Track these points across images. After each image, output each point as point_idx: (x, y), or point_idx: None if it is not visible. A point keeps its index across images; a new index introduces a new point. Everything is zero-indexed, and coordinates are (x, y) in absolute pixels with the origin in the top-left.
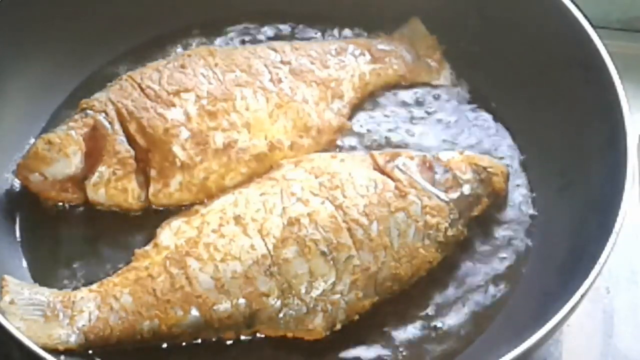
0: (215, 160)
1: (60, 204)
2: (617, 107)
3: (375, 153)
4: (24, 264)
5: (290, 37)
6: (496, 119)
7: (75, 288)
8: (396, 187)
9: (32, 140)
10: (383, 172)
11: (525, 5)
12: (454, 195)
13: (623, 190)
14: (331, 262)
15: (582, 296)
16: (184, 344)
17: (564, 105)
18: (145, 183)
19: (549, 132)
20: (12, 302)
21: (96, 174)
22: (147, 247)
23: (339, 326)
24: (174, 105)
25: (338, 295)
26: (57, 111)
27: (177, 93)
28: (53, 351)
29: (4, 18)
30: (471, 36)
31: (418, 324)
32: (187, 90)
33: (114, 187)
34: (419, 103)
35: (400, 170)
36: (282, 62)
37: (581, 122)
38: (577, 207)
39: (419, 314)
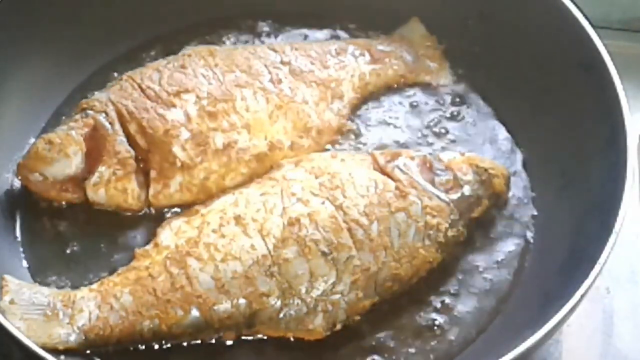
0: (215, 161)
1: (61, 203)
2: (617, 107)
3: (376, 153)
4: (24, 263)
5: (290, 37)
6: (496, 118)
7: (75, 287)
8: (396, 187)
9: (32, 140)
10: (383, 172)
11: (526, 5)
12: (455, 196)
13: (623, 190)
14: (331, 262)
15: (582, 296)
16: (184, 344)
17: (564, 105)
18: (145, 183)
19: (549, 132)
20: (12, 302)
21: (96, 174)
22: (148, 247)
23: (339, 326)
24: (174, 105)
25: (338, 296)
26: (57, 111)
27: (177, 94)
28: (53, 351)
29: (4, 18)
30: (471, 36)
31: (418, 324)
32: (187, 91)
33: (114, 188)
34: (418, 104)
35: (401, 170)
36: (282, 62)
37: (581, 122)
38: (577, 207)
39: (419, 314)
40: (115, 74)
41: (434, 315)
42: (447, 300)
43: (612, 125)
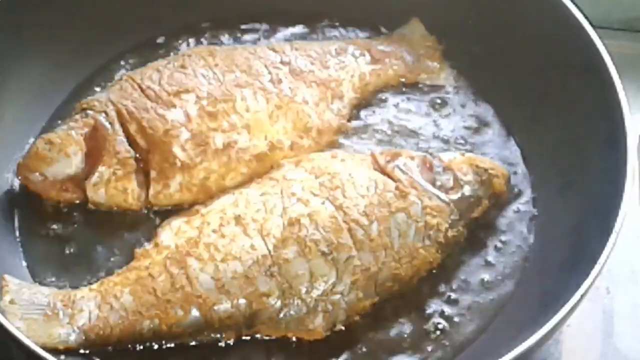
0: (215, 161)
1: (61, 203)
2: (617, 107)
3: (376, 153)
4: (24, 263)
5: (290, 37)
6: (496, 118)
7: (75, 287)
8: (397, 188)
9: (32, 140)
10: (383, 172)
11: (526, 5)
12: (455, 196)
13: (623, 190)
14: (331, 262)
15: (582, 296)
16: (184, 343)
17: (564, 105)
18: (145, 183)
19: (549, 132)
20: (12, 302)
21: (96, 174)
22: (148, 247)
23: (339, 326)
24: (174, 106)
25: (338, 296)
26: (57, 111)
27: (177, 94)
28: (53, 351)
29: (4, 18)
30: (471, 36)
31: (418, 324)
32: (187, 91)
33: (114, 188)
34: (418, 104)
35: (401, 170)
36: (282, 62)
37: (581, 122)
38: (577, 207)
39: (419, 314)
40: (115, 74)
41: (434, 316)
42: (447, 300)
43: (612, 125)
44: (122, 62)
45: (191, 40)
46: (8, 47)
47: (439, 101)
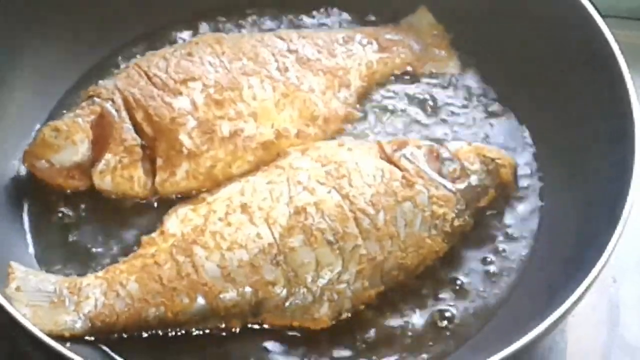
0: (221, 149)
1: (67, 191)
2: (625, 98)
3: (383, 142)
4: (31, 250)
5: (297, 25)
6: (504, 108)
7: (82, 274)
8: (403, 177)
9: (39, 128)
10: (390, 161)
11: None
12: (461, 185)
13: (630, 181)
14: (337, 251)
15: (589, 286)
16: (189, 331)
17: (573, 95)
18: (151, 171)
19: (556, 122)
20: (18, 289)
21: (102, 161)
22: (154, 235)
23: (344, 315)
24: (180, 93)
25: (344, 285)
26: (64, 98)
27: (184, 81)
28: (59, 337)
29: (10, 6)
30: (479, 25)
31: (424, 313)
32: (194, 79)
33: (120, 175)
34: (426, 93)
35: (408, 159)
36: (289, 50)
37: (589, 113)
38: (584, 197)
39: (425, 303)
40: (122, 62)
41: (439, 305)
42: (453, 290)
43: (621, 116)
44: (129, 50)
45: (198, 28)
46: (15, 35)
47: (446, 90)
